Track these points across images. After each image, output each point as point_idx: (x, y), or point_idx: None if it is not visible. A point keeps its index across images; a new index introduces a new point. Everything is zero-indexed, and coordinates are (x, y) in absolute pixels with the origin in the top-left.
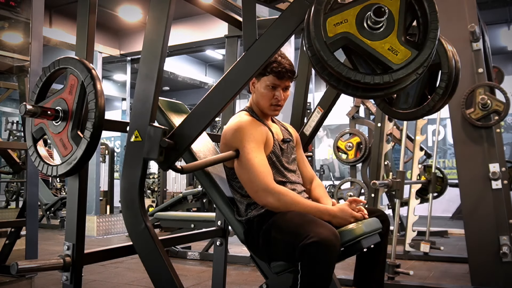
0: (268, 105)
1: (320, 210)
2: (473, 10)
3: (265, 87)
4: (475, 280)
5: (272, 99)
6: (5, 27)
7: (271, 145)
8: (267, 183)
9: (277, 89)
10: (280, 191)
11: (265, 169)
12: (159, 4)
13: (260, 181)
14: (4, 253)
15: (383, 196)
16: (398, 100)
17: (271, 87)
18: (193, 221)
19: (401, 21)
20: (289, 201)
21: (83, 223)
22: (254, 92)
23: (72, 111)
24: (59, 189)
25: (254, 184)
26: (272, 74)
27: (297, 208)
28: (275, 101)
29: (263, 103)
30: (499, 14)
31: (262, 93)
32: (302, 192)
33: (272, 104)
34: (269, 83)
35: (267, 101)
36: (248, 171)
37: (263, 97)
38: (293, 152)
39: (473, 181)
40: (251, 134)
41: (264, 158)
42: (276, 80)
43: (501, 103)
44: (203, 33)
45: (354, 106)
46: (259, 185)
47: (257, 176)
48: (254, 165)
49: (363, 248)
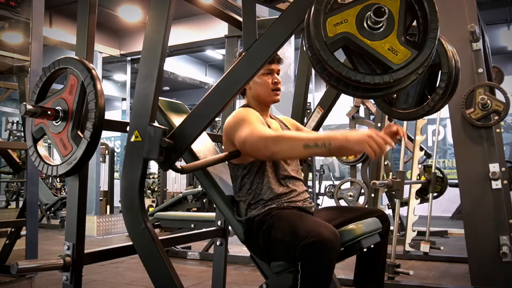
0: (269, 92)
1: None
2: (473, 10)
3: (262, 76)
4: (475, 280)
5: (272, 84)
6: (5, 27)
7: None
8: (263, 135)
9: (273, 74)
10: (277, 135)
11: (258, 127)
12: (159, 4)
13: (257, 138)
14: (4, 253)
15: (383, 196)
16: (398, 100)
17: (267, 73)
18: (193, 221)
19: (401, 21)
20: (289, 138)
21: (83, 223)
22: (250, 88)
23: (72, 111)
24: (59, 189)
25: (255, 145)
26: None
27: (301, 142)
28: (275, 85)
29: (265, 91)
30: (499, 14)
31: (260, 83)
32: (304, 192)
33: (273, 90)
34: (264, 71)
35: (267, 87)
36: (247, 139)
37: (262, 85)
38: None
39: (473, 181)
40: (251, 116)
41: (261, 124)
42: (270, 66)
43: (501, 103)
44: (203, 33)
45: (354, 106)
46: (258, 142)
47: (254, 136)
48: (251, 130)
49: (363, 248)
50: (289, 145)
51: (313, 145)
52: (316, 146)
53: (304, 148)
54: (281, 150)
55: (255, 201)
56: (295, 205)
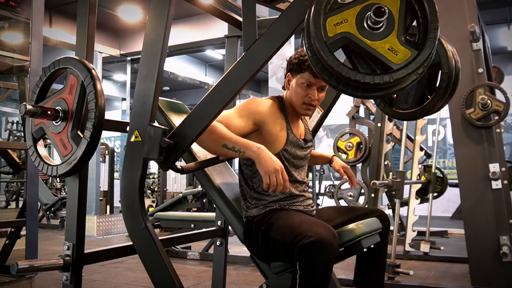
0: (300, 104)
1: (248, 145)
2: (473, 10)
3: (299, 85)
4: (475, 280)
5: (305, 98)
6: (5, 27)
7: (283, 141)
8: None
9: (312, 88)
10: (212, 125)
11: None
12: (159, 4)
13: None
14: (4, 253)
15: (383, 196)
16: (398, 100)
17: (306, 85)
18: (193, 221)
19: (401, 21)
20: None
21: (83, 223)
22: (288, 88)
23: (72, 111)
24: (59, 189)
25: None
26: (308, 71)
27: (223, 141)
28: (308, 99)
29: (296, 100)
30: (499, 14)
31: (295, 91)
32: (308, 199)
33: (305, 103)
34: (304, 81)
35: (299, 99)
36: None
37: (296, 94)
38: (308, 154)
39: (473, 181)
40: (242, 109)
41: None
42: (312, 78)
43: (501, 103)
44: (203, 33)
45: (354, 106)
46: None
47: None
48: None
49: (363, 248)
50: (213, 138)
51: (230, 148)
52: (233, 149)
53: (222, 147)
54: (204, 139)
55: (256, 197)
56: (296, 208)
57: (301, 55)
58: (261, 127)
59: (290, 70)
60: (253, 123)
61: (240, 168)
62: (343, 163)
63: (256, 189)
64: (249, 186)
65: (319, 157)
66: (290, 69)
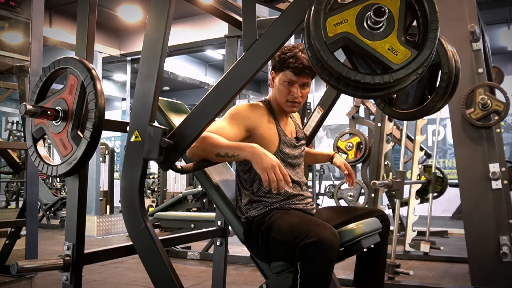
0: (284, 101)
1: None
2: (473, 10)
3: (282, 83)
4: (475, 280)
5: (288, 96)
6: (5, 27)
7: (276, 143)
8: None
9: (294, 86)
10: (203, 136)
11: (218, 125)
12: (159, 4)
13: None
14: (4, 253)
15: (383, 196)
16: (398, 100)
17: (288, 83)
18: (193, 221)
19: (401, 21)
20: (209, 143)
21: (83, 223)
22: (273, 87)
23: (72, 111)
24: (59, 189)
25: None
26: (289, 70)
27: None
28: (291, 97)
29: (280, 98)
30: (499, 14)
31: (279, 89)
32: (307, 198)
33: (288, 101)
34: (286, 79)
35: (283, 97)
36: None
37: (279, 92)
38: (302, 151)
39: (473, 181)
40: (233, 116)
41: (227, 125)
42: (293, 76)
43: (501, 103)
44: (203, 33)
45: (354, 106)
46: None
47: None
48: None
49: (363, 248)
50: (205, 149)
51: (223, 155)
52: (227, 156)
53: (216, 156)
54: (197, 152)
55: (256, 200)
56: (296, 207)
57: (282, 53)
58: (253, 132)
59: (273, 68)
60: (245, 129)
61: (237, 174)
62: (344, 160)
63: (256, 193)
64: (248, 191)
65: (320, 156)
66: (273, 67)
